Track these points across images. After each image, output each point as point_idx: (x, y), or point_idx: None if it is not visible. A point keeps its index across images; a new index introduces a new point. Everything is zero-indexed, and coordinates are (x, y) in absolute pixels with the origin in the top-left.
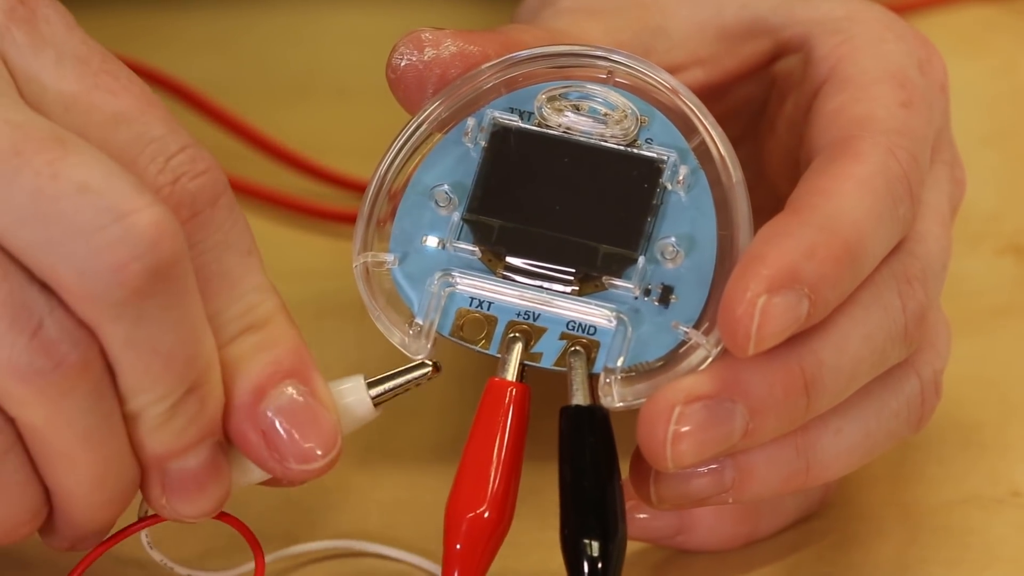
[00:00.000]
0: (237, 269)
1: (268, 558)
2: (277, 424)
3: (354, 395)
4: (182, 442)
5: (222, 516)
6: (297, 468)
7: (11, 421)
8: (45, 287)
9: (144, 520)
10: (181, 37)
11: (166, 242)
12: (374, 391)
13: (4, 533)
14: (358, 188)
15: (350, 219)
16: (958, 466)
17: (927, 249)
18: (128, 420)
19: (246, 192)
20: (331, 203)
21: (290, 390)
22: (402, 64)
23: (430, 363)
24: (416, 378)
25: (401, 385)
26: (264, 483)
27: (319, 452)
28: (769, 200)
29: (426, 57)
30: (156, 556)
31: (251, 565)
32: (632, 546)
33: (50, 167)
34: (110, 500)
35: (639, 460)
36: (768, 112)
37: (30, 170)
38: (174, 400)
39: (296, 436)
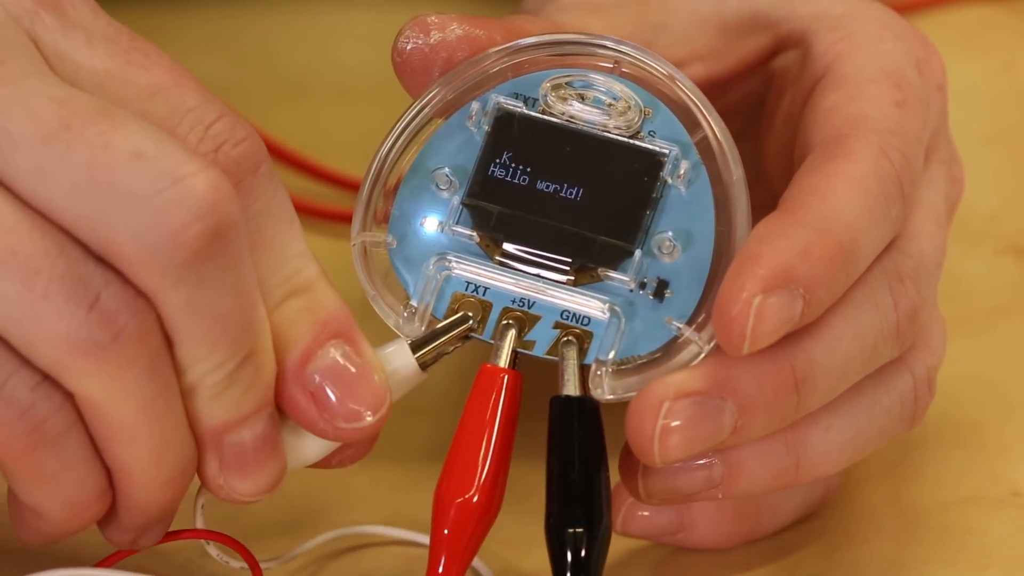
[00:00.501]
0: (280, 235)
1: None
2: (325, 385)
3: (399, 358)
4: (240, 412)
5: (217, 536)
6: (347, 427)
7: (70, 398)
8: (100, 261)
9: (204, 532)
10: (182, 37)
11: (223, 203)
12: (419, 352)
13: (72, 517)
14: (358, 188)
15: (350, 219)
16: (957, 466)
17: (920, 247)
18: (185, 395)
19: None
20: (331, 203)
21: (336, 351)
22: (408, 47)
23: (471, 315)
24: (458, 334)
25: (445, 342)
26: (314, 465)
27: (368, 410)
28: (767, 197)
29: (432, 40)
30: (213, 552)
31: (297, 551)
32: (632, 543)
33: (101, 138)
34: (170, 478)
35: (628, 454)
36: (766, 108)
37: (82, 143)
38: (231, 368)
39: (344, 395)
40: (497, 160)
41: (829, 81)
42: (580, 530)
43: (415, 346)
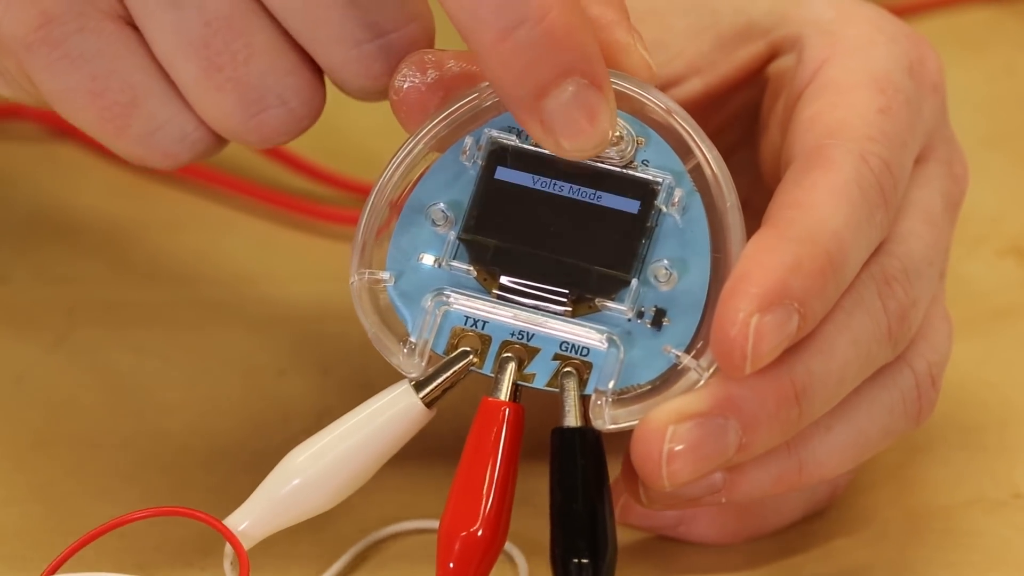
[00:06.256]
0: None
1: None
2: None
3: (403, 400)
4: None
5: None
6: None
7: None
8: None
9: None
10: None
11: None
12: (423, 392)
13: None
14: (359, 191)
15: (351, 221)
16: (960, 468)
17: (908, 248)
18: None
19: (249, 194)
20: (333, 205)
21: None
22: (405, 86)
23: (470, 350)
24: (459, 370)
25: (447, 379)
26: None
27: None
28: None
29: (429, 78)
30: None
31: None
32: (635, 542)
33: None
34: None
35: (629, 464)
36: (762, 114)
37: None
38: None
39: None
40: (492, 194)
41: (814, 88)
42: (585, 560)
43: (418, 385)
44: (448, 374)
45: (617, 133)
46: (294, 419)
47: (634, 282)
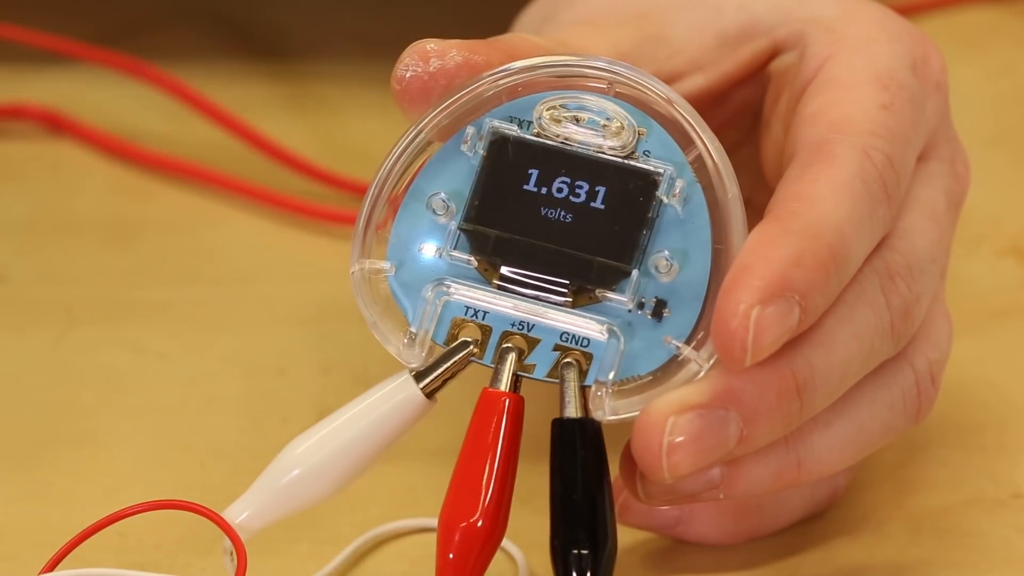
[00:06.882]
0: None
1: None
2: None
3: (404, 391)
4: None
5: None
6: None
7: None
8: None
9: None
10: (186, 39)
11: None
12: (423, 382)
13: None
14: (359, 190)
15: (351, 221)
16: (959, 468)
17: (911, 244)
18: None
19: (248, 194)
20: (333, 205)
21: None
22: (407, 75)
23: (471, 340)
24: (459, 360)
25: (448, 369)
26: None
27: None
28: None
29: (431, 68)
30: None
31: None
32: (632, 541)
33: None
34: None
35: (628, 455)
36: (764, 111)
37: None
38: None
39: None
40: (493, 184)
41: (817, 84)
42: (585, 552)
43: (419, 376)
44: (448, 364)
45: (618, 124)
46: (294, 419)
47: (635, 273)
